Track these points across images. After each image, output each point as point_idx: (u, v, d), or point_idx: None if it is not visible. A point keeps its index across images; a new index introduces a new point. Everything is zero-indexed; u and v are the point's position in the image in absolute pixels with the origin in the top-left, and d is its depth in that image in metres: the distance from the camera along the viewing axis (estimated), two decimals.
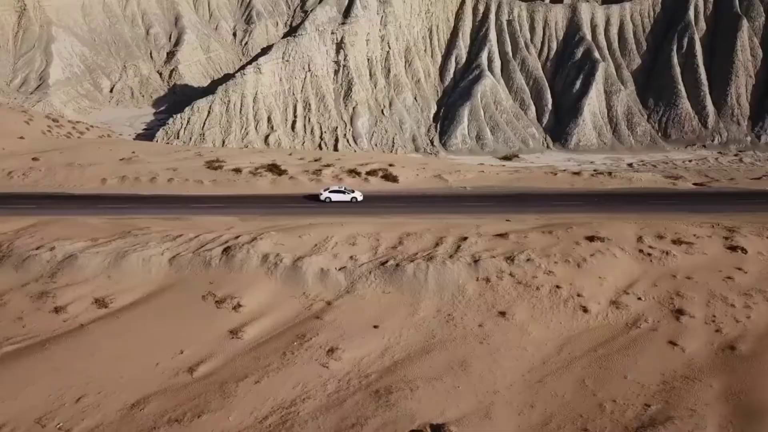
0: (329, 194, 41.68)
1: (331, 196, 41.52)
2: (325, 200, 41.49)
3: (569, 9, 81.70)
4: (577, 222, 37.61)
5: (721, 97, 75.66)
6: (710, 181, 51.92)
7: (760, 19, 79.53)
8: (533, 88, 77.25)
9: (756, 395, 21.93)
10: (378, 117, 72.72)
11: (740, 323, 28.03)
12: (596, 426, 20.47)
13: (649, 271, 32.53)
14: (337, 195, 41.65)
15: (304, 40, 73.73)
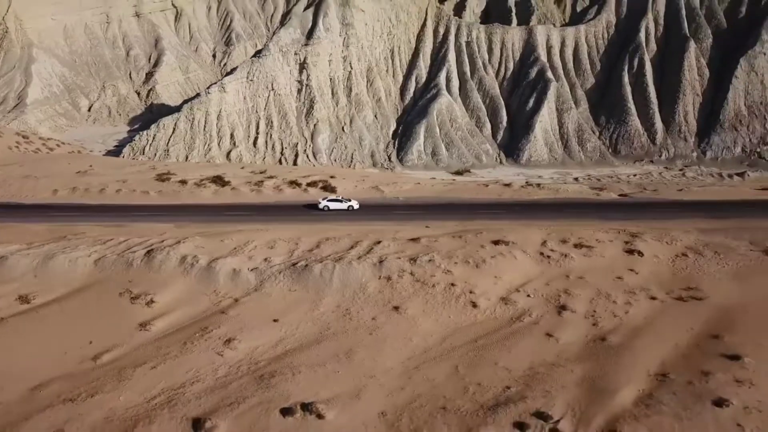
0: (327, 203, 45.14)
1: (329, 205, 44.92)
2: (323, 209, 44.75)
3: (526, 31, 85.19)
4: (491, 228, 40.34)
5: (669, 114, 78.70)
6: (634, 192, 54.37)
7: (707, 41, 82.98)
8: (489, 106, 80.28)
9: (608, 379, 24.56)
10: (338, 134, 75.53)
11: (617, 317, 30.76)
12: (455, 405, 23.02)
13: (546, 272, 35.26)
14: (335, 204, 45.07)
15: (268, 61, 76.86)
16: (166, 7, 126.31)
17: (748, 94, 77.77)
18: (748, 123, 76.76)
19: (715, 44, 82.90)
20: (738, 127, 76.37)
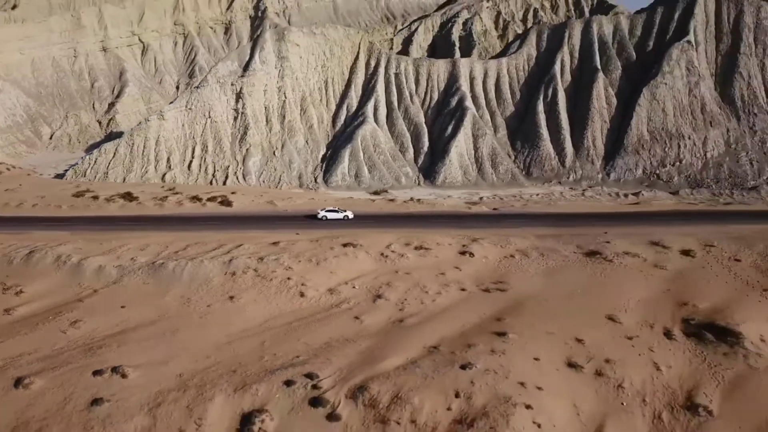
0: (325, 213, 52.38)
1: (327, 215, 52.03)
2: (321, 218, 51.91)
3: (450, 63, 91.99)
4: (350, 234, 45.98)
5: (579, 139, 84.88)
6: (505, 207, 59.97)
7: (617, 72, 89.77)
8: (413, 132, 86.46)
9: (385, 350, 30.20)
10: (269, 157, 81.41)
11: (423, 304, 36.59)
12: (245, 369, 28.60)
13: (379, 269, 41.05)
14: (332, 213, 52.26)
15: (206, 91, 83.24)
16: (133, 42, 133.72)
17: (651, 120, 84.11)
18: (649, 147, 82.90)
19: (624, 75, 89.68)
20: (640, 151, 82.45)
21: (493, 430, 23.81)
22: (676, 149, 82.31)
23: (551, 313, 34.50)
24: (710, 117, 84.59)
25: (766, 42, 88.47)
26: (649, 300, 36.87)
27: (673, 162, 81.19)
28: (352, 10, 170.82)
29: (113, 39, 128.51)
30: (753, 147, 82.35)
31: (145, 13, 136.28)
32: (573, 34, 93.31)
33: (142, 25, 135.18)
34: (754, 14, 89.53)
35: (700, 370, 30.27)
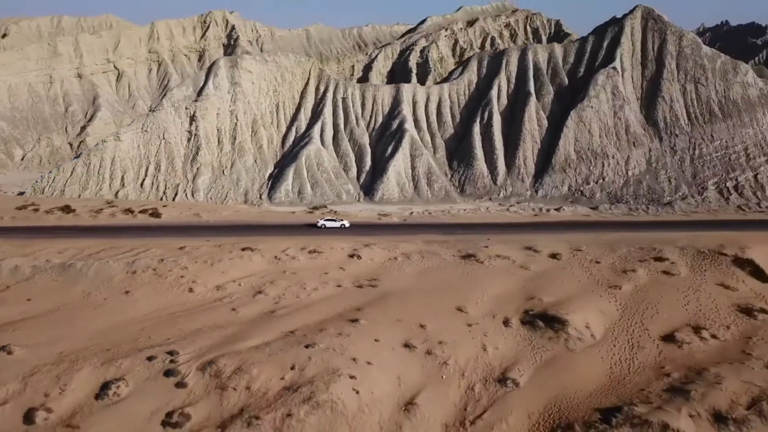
0: (324, 222, 58.72)
1: (326, 224, 58.37)
2: (320, 227, 58.27)
3: (394, 89, 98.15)
4: (255, 240, 51.09)
5: (511, 159, 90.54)
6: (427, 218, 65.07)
7: (549, 96, 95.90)
8: (357, 152, 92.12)
9: (247, 334, 35.02)
10: (218, 176, 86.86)
11: (298, 299, 41.79)
12: (118, 348, 33.48)
13: (269, 269, 46.20)
14: (330, 222, 58.53)
15: (161, 114, 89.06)
16: (108, 69, 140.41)
17: (577, 141, 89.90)
18: (575, 166, 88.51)
19: (556, 99, 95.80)
20: (567, 170, 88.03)
21: (313, 393, 28.44)
22: (600, 168, 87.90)
23: (407, 305, 39.50)
24: (634, 138, 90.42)
25: (688, 68, 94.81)
26: (503, 295, 41.91)
27: (596, 179, 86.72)
28: (325, 39, 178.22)
29: (88, 66, 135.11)
30: (672, 165, 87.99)
31: (120, 42, 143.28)
32: (510, 61, 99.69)
33: (118, 53, 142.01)
34: (676, 42, 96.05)
35: (523, 351, 35.23)
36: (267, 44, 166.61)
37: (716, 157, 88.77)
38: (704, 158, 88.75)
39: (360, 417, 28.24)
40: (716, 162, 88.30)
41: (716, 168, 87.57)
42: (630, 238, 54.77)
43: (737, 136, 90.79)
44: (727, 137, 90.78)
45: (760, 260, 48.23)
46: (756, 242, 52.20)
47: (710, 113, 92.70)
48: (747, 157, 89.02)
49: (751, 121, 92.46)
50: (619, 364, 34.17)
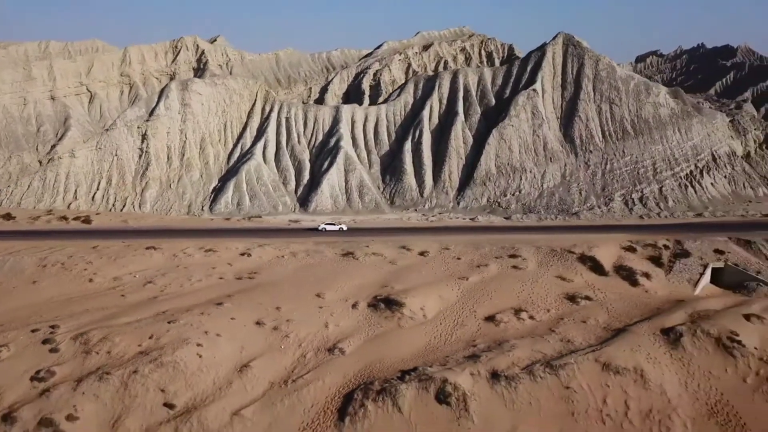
0: (324, 225, 66.55)
1: (326, 227, 66.13)
2: (321, 230, 66.12)
3: (334, 109, 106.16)
4: (162, 241, 58.13)
5: (438, 173, 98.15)
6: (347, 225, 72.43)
7: (476, 116, 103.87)
8: (297, 167, 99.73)
9: (122, 313, 41.66)
10: (165, 189, 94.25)
11: (182, 288, 48.43)
12: (11, 323, 40.19)
13: (165, 265, 53.29)
14: (330, 226, 66.26)
15: (115, 133, 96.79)
16: (81, 92, 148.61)
17: (498, 157, 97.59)
18: (495, 180, 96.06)
19: (482, 118, 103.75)
20: (487, 183, 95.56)
21: (160, 356, 35.20)
22: (518, 181, 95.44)
23: (273, 292, 46.44)
24: (551, 154, 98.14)
25: (603, 89, 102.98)
26: (363, 285, 48.86)
27: (513, 192, 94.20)
28: (294, 63, 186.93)
29: (61, 89, 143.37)
30: (584, 179, 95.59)
31: (93, 66, 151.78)
32: (443, 84, 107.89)
33: (91, 76, 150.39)
34: (593, 66, 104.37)
35: (360, 327, 42.11)
36: (237, 68, 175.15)
37: (625, 171, 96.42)
38: (614, 172, 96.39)
39: (198, 375, 35.00)
40: (625, 176, 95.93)
41: (624, 181, 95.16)
42: (501, 239, 61.94)
43: (647, 152, 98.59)
44: (637, 153, 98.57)
45: (602, 257, 55.61)
46: (606, 243, 59.66)
47: (623, 131, 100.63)
48: (654, 171, 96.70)
49: (661, 138, 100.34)
50: (438, 338, 41.04)
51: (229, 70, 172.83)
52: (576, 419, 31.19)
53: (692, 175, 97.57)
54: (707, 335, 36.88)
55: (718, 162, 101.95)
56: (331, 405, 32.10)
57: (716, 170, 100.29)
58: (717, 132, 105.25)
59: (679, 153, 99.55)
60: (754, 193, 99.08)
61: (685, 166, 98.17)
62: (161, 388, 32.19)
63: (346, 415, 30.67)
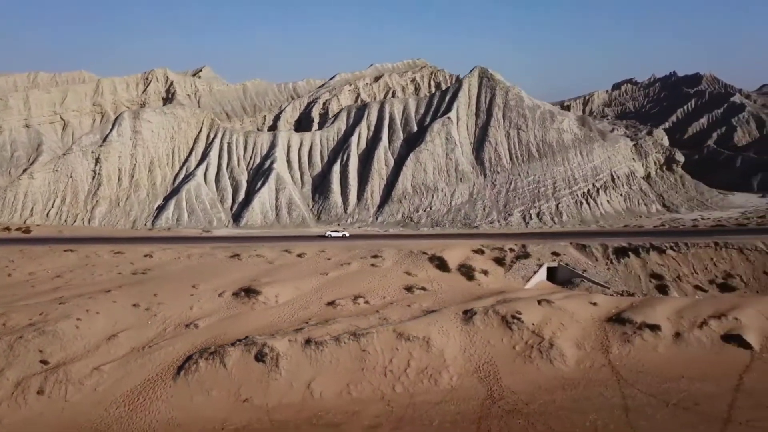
0: (331, 232, 78.78)
1: (332, 234, 78.48)
2: (327, 236, 78.71)
3: (272, 135, 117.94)
4: (80, 246, 68.95)
5: (362, 192, 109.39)
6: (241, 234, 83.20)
7: (398, 141, 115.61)
8: (234, 187, 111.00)
9: (23, 300, 52.15)
10: (114, 207, 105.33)
11: (84, 280, 58.99)
12: None
13: (77, 263, 64.02)
14: (335, 233, 78.62)
15: (71, 157, 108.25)
16: (55, 120, 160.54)
17: (414, 178, 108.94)
18: (410, 198, 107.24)
19: (404, 143, 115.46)
20: (403, 201, 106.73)
21: (43, 326, 45.59)
22: (430, 199, 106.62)
23: (157, 284, 56.94)
24: (461, 174, 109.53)
25: (512, 117, 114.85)
26: (236, 279, 59.33)
27: (425, 209, 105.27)
28: (261, 92, 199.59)
29: (36, 117, 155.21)
30: (489, 197, 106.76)
31: (67, 96, 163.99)
32: (371, 112, 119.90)
33: (64, 106, 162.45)
34: (503, 96, 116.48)
35: (219, 310, 52.36)
36: (204, 97, 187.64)
37: (527, 190, 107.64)
38: (517, 191, 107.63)
39: (72, 341, 45.41)
40: (526, 194, 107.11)
41: (525, 198, 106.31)
42: (376, 244, 72.64)
43: (549, 173, 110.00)
44: (540, 174, 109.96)
45: (449, 257, 66.44)
46: (459, 246, 70.57)
47: (528, 154, 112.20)
48: (554, 190, 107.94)
49: (563, 160, 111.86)
50: (281, 317, 51.48)
51: (197, 100, 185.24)
52: (364, 373, 41.01)
53: (589, 193, 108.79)
54: (496, 314, 46.97)
55: (616, 182, 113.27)
56: (174, 364, 42.08)
57: (613, 189, 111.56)
58: (618, 155, 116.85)
59: (579, 174, 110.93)
60: (648, 209, 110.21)
61: (583, 185, 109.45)
62: (40, 349, 42.37)
63: (181, 370, 40.56)
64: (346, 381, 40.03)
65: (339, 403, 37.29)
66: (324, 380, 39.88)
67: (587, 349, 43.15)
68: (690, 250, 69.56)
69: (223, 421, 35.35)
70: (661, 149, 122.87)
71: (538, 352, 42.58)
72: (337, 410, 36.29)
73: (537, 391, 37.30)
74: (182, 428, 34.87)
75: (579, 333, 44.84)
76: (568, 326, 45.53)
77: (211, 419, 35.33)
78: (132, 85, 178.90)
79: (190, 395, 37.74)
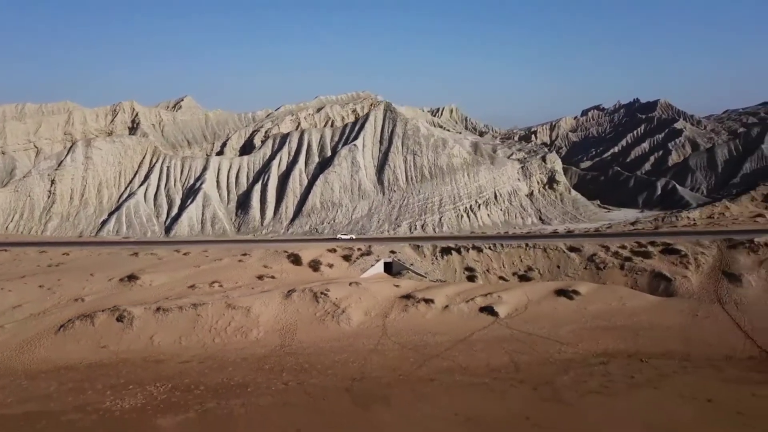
0: (341, 235, 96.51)
1: (342, 236, 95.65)
2: (338, 238, 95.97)
3: (205, 160, 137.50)
4: (19, 248, 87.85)
5: (278, 207, 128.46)
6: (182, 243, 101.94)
7: (313, 164, 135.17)
8: (170, 204, 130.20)
9: None
10: (64, 221, 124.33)
11: (9, 271, 78.25)
12: None
13: (5, 260, 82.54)
14: (344, 236, 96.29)
15: (29, 179, 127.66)
16: (29, 147, 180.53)
17: (322, 195, 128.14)
18: (318, 212, 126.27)
19: (318, 166, 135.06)
20: (311, 215, 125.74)
21: None
22: (335, 213, 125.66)
23: (66, 272, 75.46)
24: (363, 193, 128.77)
25: (409, 144, 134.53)
26: (127, 270, 77.79)
27: (329, 221, 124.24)
28: (221, 121, 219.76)
29: (11, 145, 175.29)
30: (384, 211, 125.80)
31: (41, 126, 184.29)
32: (292, 140, 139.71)
33: (38, 135, 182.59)
34: (402, 127, 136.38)
35: (105, 290, 70.76)
36: (168, 127, 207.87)
37: (417, 206, 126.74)
38: (408, 206, 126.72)
39: None
40: (416, 208, 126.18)
41: (414, 212, 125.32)
42: (265, 246, 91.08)
43: (437, 191, 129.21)
44: (429, 192, 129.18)
45: (304, 255, 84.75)
46: (317, 247, 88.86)
47: (422, 176, 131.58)
48: (440, 205, 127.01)
49: (451, 180, 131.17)
50: (150, 295, 69.75)
51: (161, 129, 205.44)
52: (194, 330, 58.53)
53: (471, 208, 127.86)
54: (311, 291, 64.89)
55: (498, 198, 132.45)
56: (58, 324, 59.97)
57: (494, 205, 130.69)
58: (503, 176, 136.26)
59: (464, 192, 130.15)
60: (524, 221, 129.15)
61: (466, 202, 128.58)
62: None
63: (62, 328, 58.49)
64: (180, 335, 57.83)
65: (170, 348, 54.97)
66: (163, 334, 57.62)
67: (372, 315, 60.79)
68: (504, 249, 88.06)
69: (83, 359, 53.47)
70: (545, 171, 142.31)
71: (332, 317, 60.34)
72: (167, 353, 54.02)
73: (318, 341, 54.47)
74: (52, 363, 52.95)
75: (371, 305, 62.53)
76: (364, 300, 63.15)
77: (75, 358, 53.31)
78: (101, 115, 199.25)
79: (64, 344, 55.67)
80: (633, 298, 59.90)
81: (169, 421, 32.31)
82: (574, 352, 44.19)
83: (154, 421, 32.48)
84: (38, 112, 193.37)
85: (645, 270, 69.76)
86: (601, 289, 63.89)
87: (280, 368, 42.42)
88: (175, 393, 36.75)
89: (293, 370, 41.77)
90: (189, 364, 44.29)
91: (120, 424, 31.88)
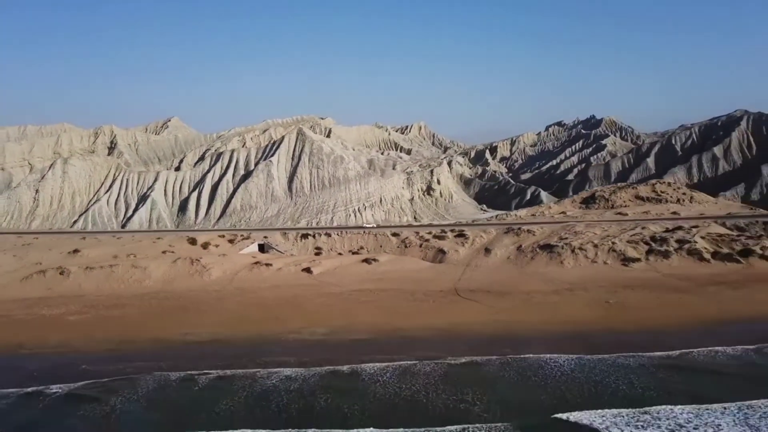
0: (365, 224, 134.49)
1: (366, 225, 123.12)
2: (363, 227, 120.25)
3: (156, 174, 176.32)
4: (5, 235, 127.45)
5: (209, 210, 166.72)
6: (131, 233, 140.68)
7: (239, 176, 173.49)
8: (127, 208, 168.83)
9: None
10: (44, 221, 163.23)
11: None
12: None
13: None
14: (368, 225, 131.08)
15: (18, 189, 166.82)
16: (24, 164, 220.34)
17: (242, 200, 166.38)
18: (238, 213, 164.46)
19: (243, 177, 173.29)
20: (233, 215, 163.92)
21: None
22: (251, 213, 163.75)
23: (31, 249, 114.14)
24: (275, 198, 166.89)
25: (314, 160, 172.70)
26: (73, 247, 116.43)
27: (246, 220, 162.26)
28: (189, 140, 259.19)
29: (9, 163, 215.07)
30: (290, 212, 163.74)
31: (34, 147, 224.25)
32: (224, 157, 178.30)
33: (32, 154, 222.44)
34: (310, 146, 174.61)
35: (57, 261, 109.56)
36: (142, 146, 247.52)
37: (315, 208, 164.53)
38: (308, 208, 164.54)
39: None
40: (314, 210, 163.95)
41: (312, 213, 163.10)
42: (173, 234, 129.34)
43: (333, 197, 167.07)
44: (327, 198, 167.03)
45: (199, 238, 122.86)
46: (213, 233, 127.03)
47: (323, 185, 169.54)
48: (333, 207, 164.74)
49: (345, 189, 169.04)
50: (87, 262, 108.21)
51: (136, 148, 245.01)
52: (108, 281, 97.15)
53: (358, 209, 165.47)
54: (191, 258, 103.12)
55: (383, 202, 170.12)
56: (22, 277, 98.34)
57: (378, 207, 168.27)
58: (389, 185, 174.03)
59: (355, 197, 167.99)
60: (400, 220, 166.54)
61: (356, 205, 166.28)
62: None
63: (24, 278, 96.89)
64: (98, 283, 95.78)
65: (91, 290, 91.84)
66: (88, 282, 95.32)
67: (227, 273, 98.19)
68: (347, 234, 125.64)
69: (36, 295, 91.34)
70: (425, 181, 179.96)
71: (198, 273, 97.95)
72: (88, 292, 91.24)
73: (190, 290, 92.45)
74: (17, 297, 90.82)
75: (230, 267, 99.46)
76: (225, 264, 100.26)
77: (31, 295, 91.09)
78: (85, 137, 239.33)
79: (25, 287, 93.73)
80: (409, 263, 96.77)
81: (75, 318, 69.69)
82: (352, 290, 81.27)
83: (67, 318, 69.87)
84: (38, 133, 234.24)
85: (434, 247, 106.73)
86: (396, 259, 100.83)
87: (155, 299, 79.65)
88: (85, 308, 74.25)
89: (161, 299, 79.05)
90: (100, 297, 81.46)
91: (49, 320, 69.29)
